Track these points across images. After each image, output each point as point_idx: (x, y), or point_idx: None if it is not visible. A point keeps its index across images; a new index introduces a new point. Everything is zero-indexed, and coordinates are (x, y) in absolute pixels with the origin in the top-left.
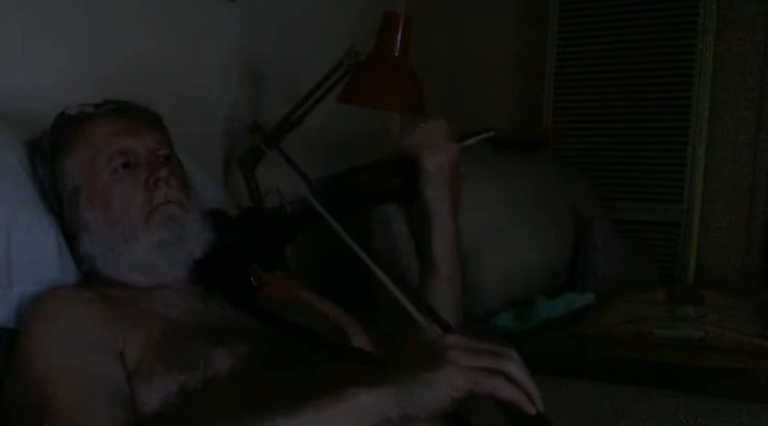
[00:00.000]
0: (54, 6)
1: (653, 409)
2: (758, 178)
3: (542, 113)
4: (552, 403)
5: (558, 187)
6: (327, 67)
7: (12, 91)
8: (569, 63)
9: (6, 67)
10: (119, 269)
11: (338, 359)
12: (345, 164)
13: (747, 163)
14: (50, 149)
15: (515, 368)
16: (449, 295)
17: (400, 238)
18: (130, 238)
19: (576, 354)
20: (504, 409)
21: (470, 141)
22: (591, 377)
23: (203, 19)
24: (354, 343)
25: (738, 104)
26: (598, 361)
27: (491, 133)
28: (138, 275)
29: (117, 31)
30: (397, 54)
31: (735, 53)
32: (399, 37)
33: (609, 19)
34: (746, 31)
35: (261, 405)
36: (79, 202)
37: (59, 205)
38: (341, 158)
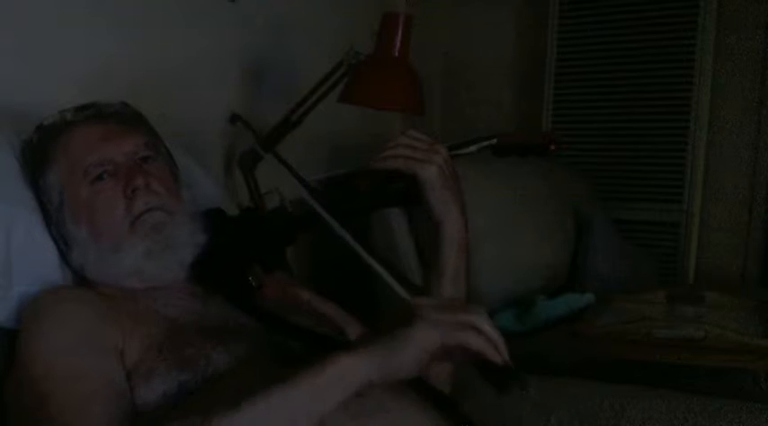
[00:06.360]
0: (55, 5)
1: (653, 409)
2: (758, 178)
3: (542, 113)
4: (552, 403)
5: (558, 187)
6: (327, 67)
7: (12, 90)
8: (569, 63)
9: (7, 67)
10: (111, 277)
11: None
12: (345, 164)
13: (747, 163)
14: (32, 163)
15: (483, 321)
16: (452, 295)
17: (400, 238)
18: (117, 249)
19: (576, 354)
20: (474, 363)
21: (473, 148)
22: (591, 376)
23: (203, 19)
24: None
25: (738, 104)
26: (598, 361)
27: (494, 140)
28: (131, 280)
29: (117, 31)
30: (397, 54)
31: (735, 53)
32: (399, 37)
33: (609, 19)
34: (746, 31)
35: None
36: (64, 215)
37: (48, 216)
38: (341, 158)
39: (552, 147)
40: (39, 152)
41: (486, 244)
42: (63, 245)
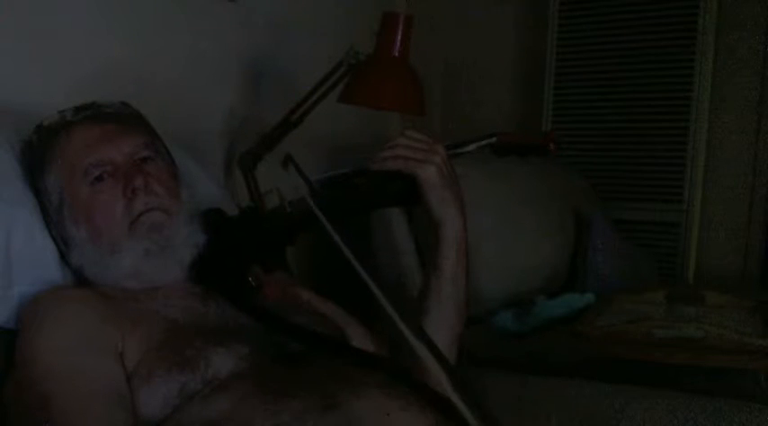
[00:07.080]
0: (54, 5)
1: (653, 409)
2: (758, 178)
3: (542, 113)
4: (553, 402)
5: (558, 187)
6: (327, 67)
7: (12, 90)
8: (569, 63)
9: (7, 67)
10: (110, 278)
11: (338, 359)
12: (345, 164)
13: (747, 163)
14: (32, 164)
15: None
16: (452, 295)
17: (400, 238)
18: (115, 250)
19: (575, 354)
20: None
21: (472, 146)
22: (591, 377)
23: (203, 19)
24: (354, 343)
25: (738, 104)
26: (598, 361)
27: (493, 139)
28: (130, 280)
29: (117, 31)
30: (397, 54)
31: (735, 53)
32: (399, 37)
33: (609, 19)
34: (746, 31)
35: (261, 406)
36: (64, 216)
37: (48, 217)
38: (341, 158)
39: (552, 147)
40: (38, 152)
41: (486, 243)
42: (62, 246)
